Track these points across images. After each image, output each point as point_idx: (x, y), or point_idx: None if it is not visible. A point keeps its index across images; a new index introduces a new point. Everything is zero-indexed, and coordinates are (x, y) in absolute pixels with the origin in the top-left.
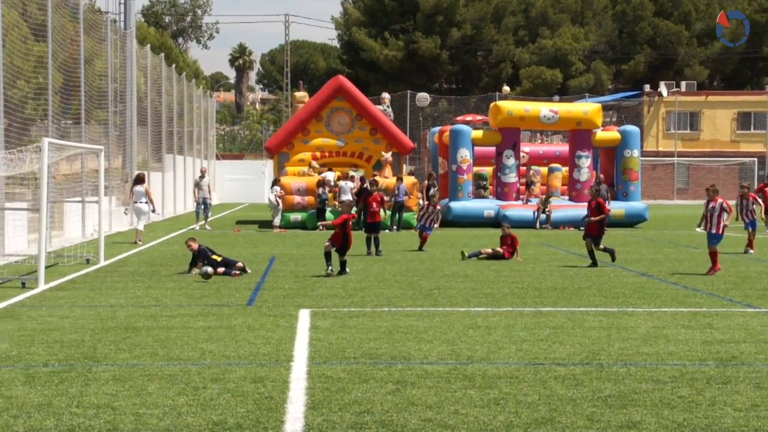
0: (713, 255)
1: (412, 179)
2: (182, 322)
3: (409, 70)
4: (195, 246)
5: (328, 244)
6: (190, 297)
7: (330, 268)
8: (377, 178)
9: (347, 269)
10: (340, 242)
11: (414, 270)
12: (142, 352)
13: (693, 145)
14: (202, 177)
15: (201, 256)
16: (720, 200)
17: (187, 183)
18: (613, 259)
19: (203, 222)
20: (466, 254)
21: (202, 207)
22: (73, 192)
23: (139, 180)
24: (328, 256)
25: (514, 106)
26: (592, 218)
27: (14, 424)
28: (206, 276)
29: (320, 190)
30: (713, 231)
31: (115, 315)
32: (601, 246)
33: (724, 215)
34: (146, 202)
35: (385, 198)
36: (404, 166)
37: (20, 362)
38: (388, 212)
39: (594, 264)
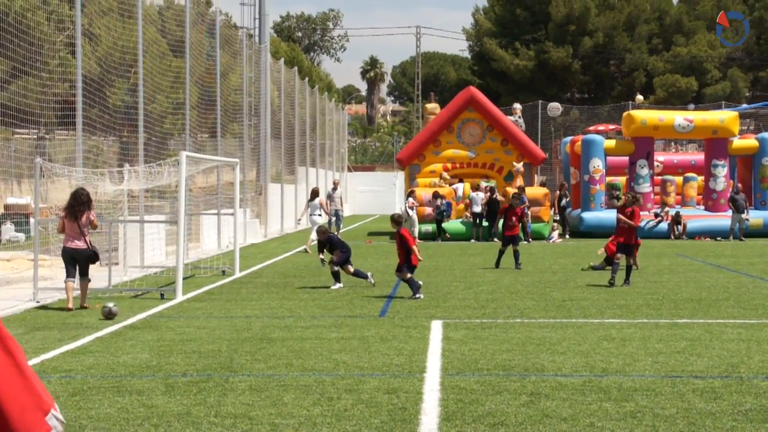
0: None
1: (544, 190)
2: (316, 333)
3: (540, 80)
4: (324, 237)
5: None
6: (324, 308)
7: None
8: (509, 188)
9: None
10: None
11: (546, 281)
12: (277, 362)
13: None
14: (334, 189)
15: (329, 245)
16: None
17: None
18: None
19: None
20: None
21: (335, 218)
22: (209, 204)
23: (315, 194)
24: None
25: (647, 115)
26: (626, 223)
27: None
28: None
29: (438, 201)
30: None
31: (251, 326)
32: (632, 262)
33: None
34: (320, 215)
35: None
36: (535, 176)
37: (160, 372)
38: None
39: (626, 281)
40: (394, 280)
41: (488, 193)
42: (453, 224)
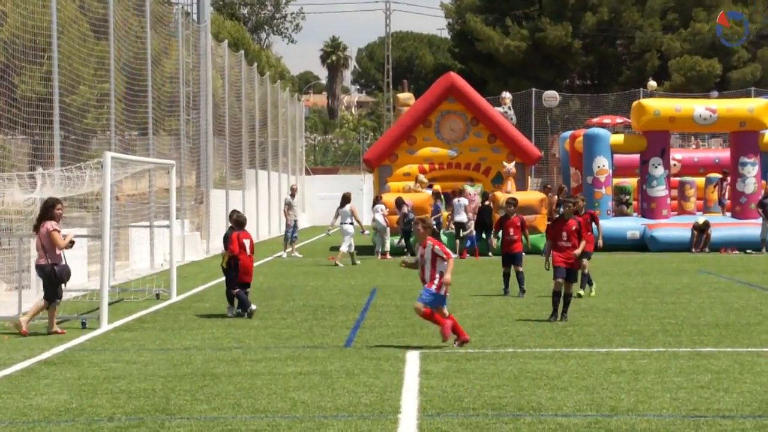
0: None
1: (539, 195)
2: (269, 368)
3: (534, 63)
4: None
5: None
6: (278, 337)
7: None
8: (498, 193)
9: None
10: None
11: (542, 303)
12: (222, 403)
13: None
14: (293, 195)
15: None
16: None
17: (272, 202)
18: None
19: (290, 249)
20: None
21: (292, 230)
22: (139, 216)
23: (346, 200)
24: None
25: (661, 104)
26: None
27: None
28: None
29: (405, 209)
30: None
31: (191, 359)
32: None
33: None
34: (352, 223)
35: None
36: (529, 178)
37: (81, 416)
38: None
39: (563, 314)
40: (361, 304)
41: (478, 200)
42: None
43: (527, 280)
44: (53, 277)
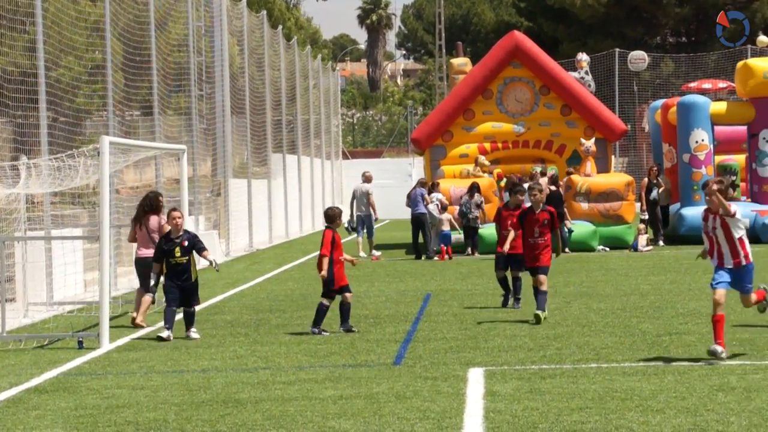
0: None
1: (626, 177)
2: (303, 391)
3: (617, 18)
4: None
5: None
6: (314, 355)
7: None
8: (575, 176)
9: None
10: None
11: (632, 307)
12: None
13: None
14: (368, 181)
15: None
16: None
17: (303, 193)
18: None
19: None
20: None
21: (361, 226)
22: None
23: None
24: None
25: None
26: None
27: None
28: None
29: (476, 198)
30: None
31: (210, 383)
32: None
33: None
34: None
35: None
36: (612, 158)
37: None
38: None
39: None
40: (413, 313)
41: (548, 184)
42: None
43: (616, 282)
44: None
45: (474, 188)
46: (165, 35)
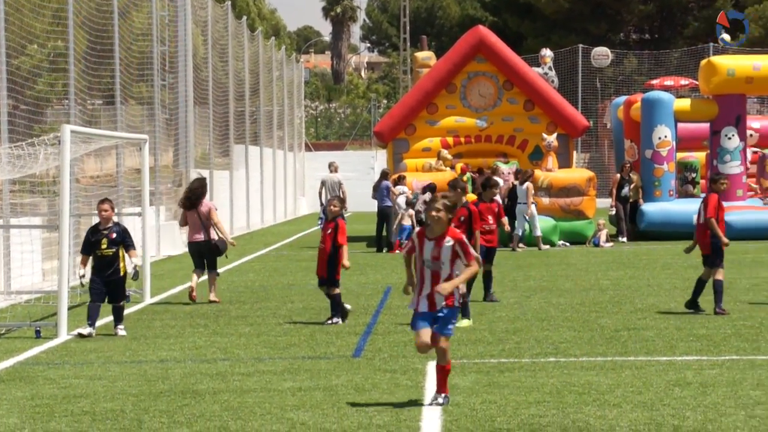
0: None
1: (587, 173)
2: (262, 383)
3: (581, 14)
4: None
5: None
6: (273, 346)
7: None
8: (538, 171)
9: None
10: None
11: (591, 302)
12: (206, 425)
13: None
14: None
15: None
16: None
17: (265, 185)
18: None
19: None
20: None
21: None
22: None
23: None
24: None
25: (736, 62)
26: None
27: None
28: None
29: (426, 195)
30: None
31: (168, 374)
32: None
33: None
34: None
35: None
36: (574, 153)
37: None
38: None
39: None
40: (373, 306)
41: (510, 179)
42: None
43: (576, 277)
44: (216, 250)
45: (430, 188)
46: (128, 24)
